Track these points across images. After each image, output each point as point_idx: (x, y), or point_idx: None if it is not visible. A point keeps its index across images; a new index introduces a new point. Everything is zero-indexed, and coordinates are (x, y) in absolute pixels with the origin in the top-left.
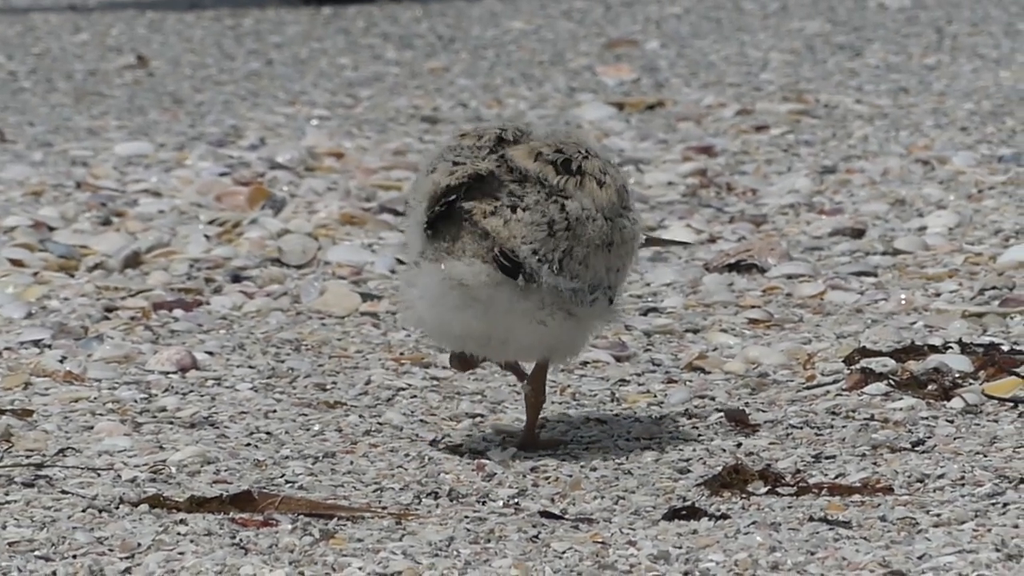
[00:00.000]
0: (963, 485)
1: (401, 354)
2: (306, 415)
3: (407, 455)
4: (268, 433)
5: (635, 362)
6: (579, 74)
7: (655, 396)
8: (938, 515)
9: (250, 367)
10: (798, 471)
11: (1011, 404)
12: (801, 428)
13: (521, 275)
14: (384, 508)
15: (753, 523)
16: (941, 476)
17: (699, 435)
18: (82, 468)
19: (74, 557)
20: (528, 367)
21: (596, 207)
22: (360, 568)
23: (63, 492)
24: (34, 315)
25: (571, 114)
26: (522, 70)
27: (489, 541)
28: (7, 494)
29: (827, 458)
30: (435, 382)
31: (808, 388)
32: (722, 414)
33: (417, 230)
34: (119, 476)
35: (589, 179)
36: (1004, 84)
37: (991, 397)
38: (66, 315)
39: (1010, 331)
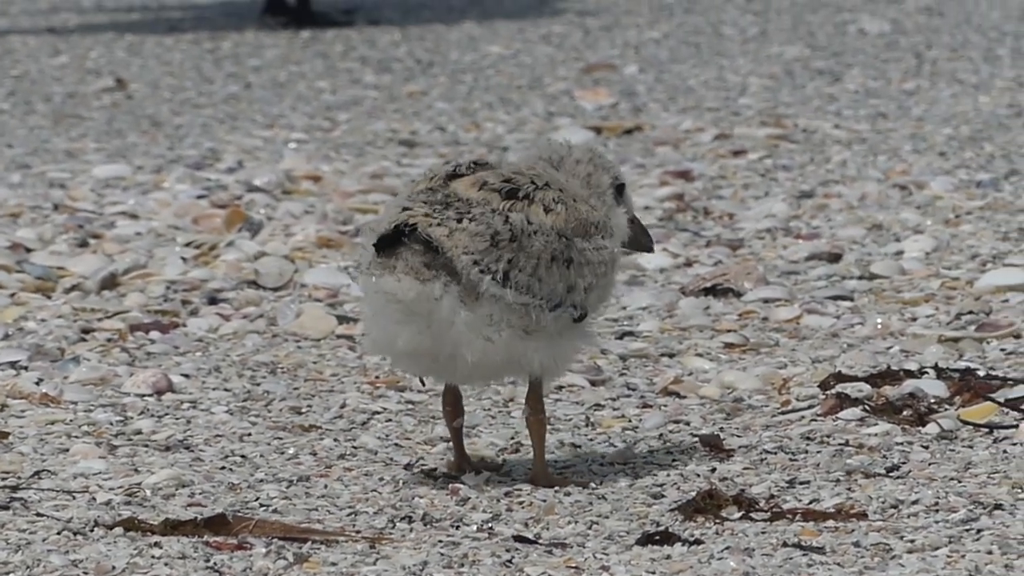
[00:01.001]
0: (937, 511)
1: (376, 377)
2: (281, 438)
3: (381, 479)
4: (243, 456)
5: (610, 386)
6: (557, 98)
7: (630, 421)
8: (912, 541)
9: (226, 390)
10: (772, 496)
11: (986, 430)
12: (776, 453)
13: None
14: (358, 532)
15: (727, 548)
16: (916, 502)
17: (673, 460)
18: (57, 491)
19: None
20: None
21: (547, 224)
22: None
23: (38, 514)
24: (10, 336)
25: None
26: (500, 94)
27: (463, 565)
28: None
29: (801, 483)
30: (410, 406)
31: (783, 413)
32: (697, 439)
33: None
34: (94, 499)
35: (536, 205)
36: (983, 109)
37: (967, 423)
38: (43, 337)
39: (986, 356)
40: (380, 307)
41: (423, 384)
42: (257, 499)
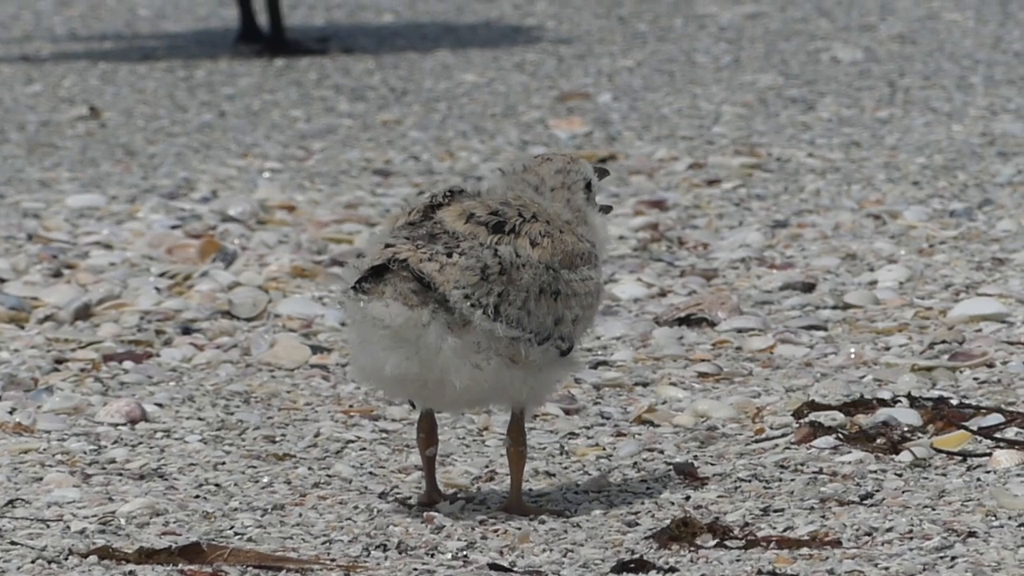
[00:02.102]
0: (911, 539)
1: (350, 406)
2: (255, 467)
3: (356, 507)
4: (217, 485)
5: (584, 415)
6: (531, 127)
7: (604, 449)
8: (886, 568)
9: (200, 419)
10: (747, 524)
11: (960, 458)
12: (750, 481)
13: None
14: (333, 560)
15: None
16: (889, 529)
17: (648, 488)
18: (31, 519)
19: None
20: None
21: (534, 258)
22: None
23: (12, 543)
24: None
25: None
26: (474, 123)
27: None
28: None
29: (776, 511)
30: (384, 434)
31: (757, 441)
32: (671, 467)
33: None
34: (68, 527)
35: (523, 238)
36: (956, 138)
37: (940, 451)
38: (16, 367)
39: (959, 385)
40: (367, 334)
41: (413, 407)
42: (231, 527)
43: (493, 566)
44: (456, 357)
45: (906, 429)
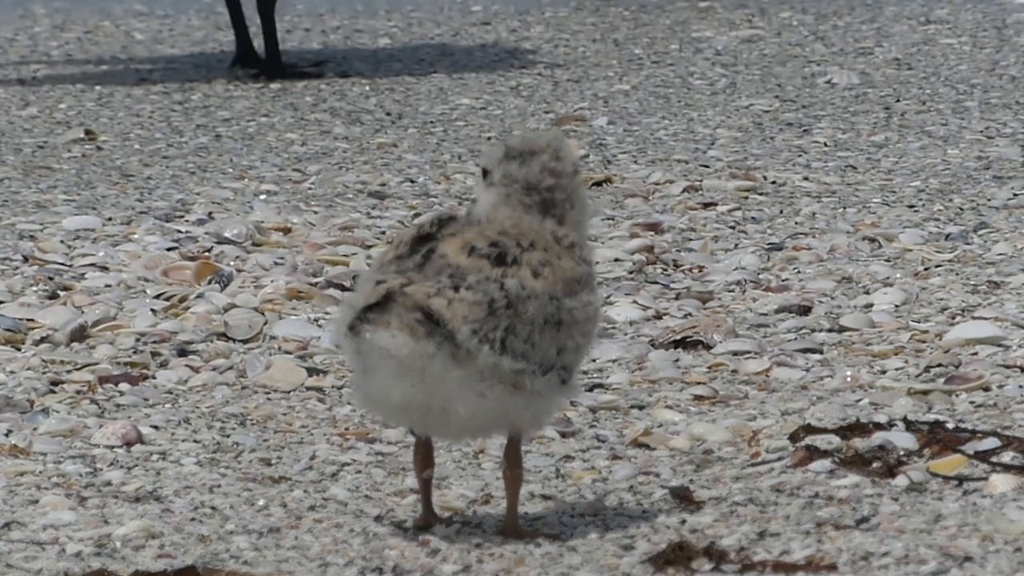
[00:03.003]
0: (907, 563)
1: (346, 429)
2: (251, 490)
3: (352, 530)
4: (213, 508)
5: (580, 438)
6: None
7: (600, 472)
8: None
9: (195, 441)
10: (742, 548)
11: (956, 482)
12: (746, 505)
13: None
14: None
15: None
16: (886, 554)
17: (643, 512)
18: (27, 542)
19: None
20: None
21: (537, 289)
22: None
23: (8, 566)
24: None
25: None
26: (470, 146)
27: None
28: None
29: (771, 535)
30: (380, 457)
31: (753, 465)
32: (667, 491)
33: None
34: (64, 550)
35: (524, 268)
36: (952, 161)
37: (936, 475)
38: (11, 389)
39: (955, 409)
40: (373, 363)
41: (412, 434)
42: (227, 550)
43: None
44: (461, 387)
45: (902, 453)
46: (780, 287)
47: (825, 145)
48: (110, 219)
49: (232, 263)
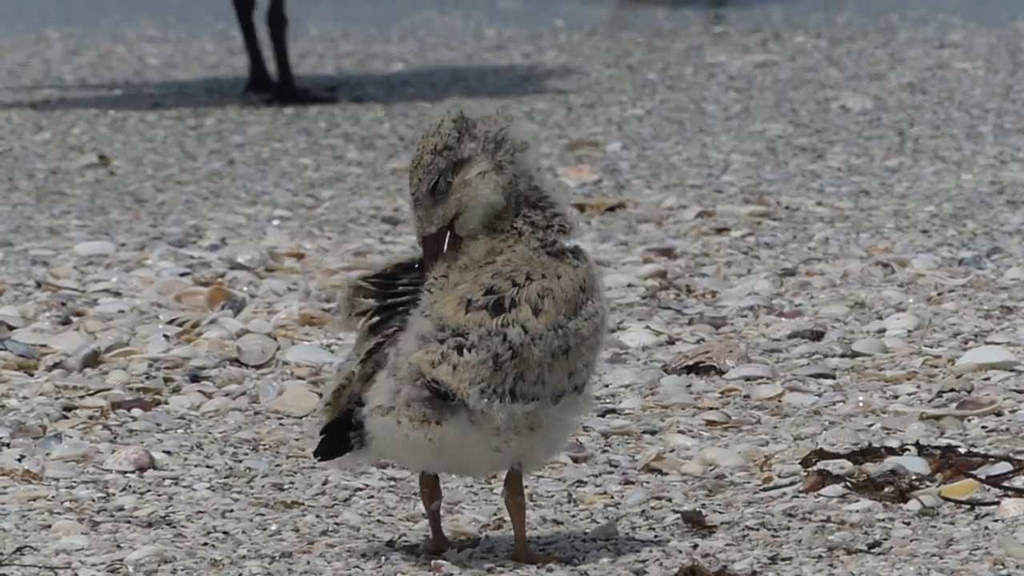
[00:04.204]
0: None
1: None
2: (263, 515)
3: (364, 555)
4: (225, 532)
5: (592, 463)
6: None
7: (612, 497)
8: None
9: (208, 466)
10: (755, 573)
11: (968, 507)
12: (758, 530)
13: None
14: None
15: None
16: None
17: (656, 536)
18: (40, 567)
19: None
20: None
21: (540, 327)
22: None
23: None
24: None
25: None
26: None
27: None
28: None
29: (783, 560)
30: (392, 482)
31: (765, 490)
32: (679, 515)
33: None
34: (76, 575)
35: (524, 307)
36: (965, 187)
37: (948, 499)
38: (24, 414)
39: (968, 434)
40: (381, 444)
41: None
42: (240, 575)
43: None
44: (478, 448)
45: (914, 477)
46: (793, 312)
47: (839, 170)
48: (123, 245)
49: (245, 289)
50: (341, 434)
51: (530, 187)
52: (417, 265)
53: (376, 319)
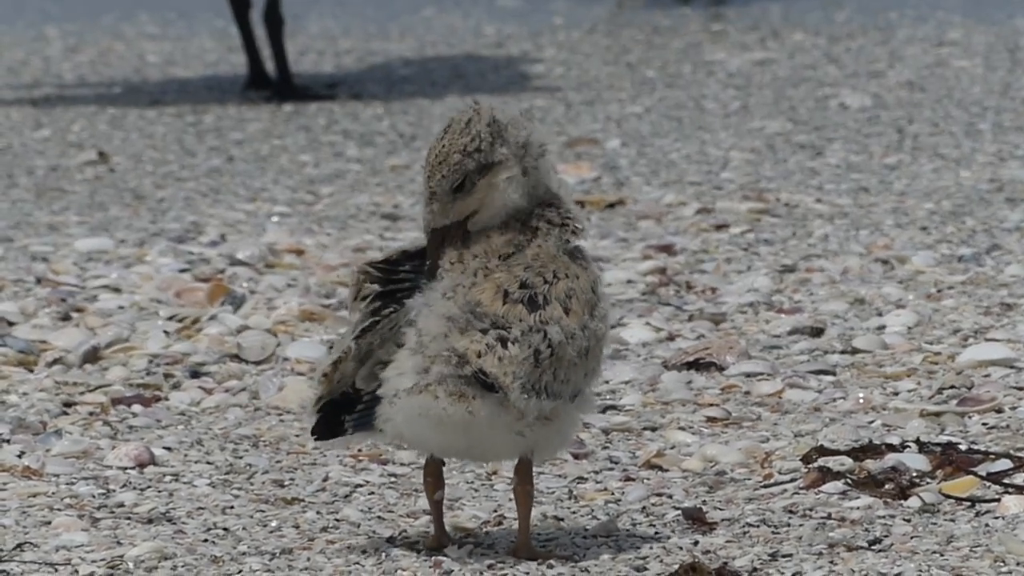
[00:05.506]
0: None
1: (359, 450)
2: (263, 511)
3: (364, 551)
4: (225, 529)
5: (593, 460)
6: None
7: (613, 494)
8: None
9: (208, 463)
10: (755, 569)
11: (968, 503)
12: (758, 526)
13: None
14: None
15: None
16: (898, 575)
17: (656, 533)
18: (40, 563)
19: None
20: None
21: (572, 326)
22: None
23: None
24: None
25: None
26: None
27: None
28: None
29: (784, 556)
30: (393, 479)
31: (765, 486)
32: (679, 512)
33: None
34: (77, 571)
35: (554, 305)
36: (964, 184)
37: (948, 496)
38: (24, 410)
39: (968, 430)
40: (410, 419)
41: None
42: (240, 572)
43: None
44: (504, 429)
45: (915, 474)
46: (793, 309)
47: (838, 167)
48: (123, 241)
49: (245, 285)
50: (336, 416)
51: (545, 188)
52: (421, 254)
53: (377, 304)
